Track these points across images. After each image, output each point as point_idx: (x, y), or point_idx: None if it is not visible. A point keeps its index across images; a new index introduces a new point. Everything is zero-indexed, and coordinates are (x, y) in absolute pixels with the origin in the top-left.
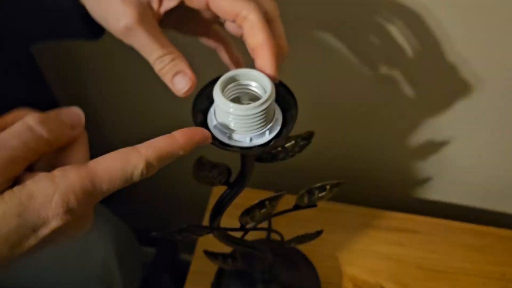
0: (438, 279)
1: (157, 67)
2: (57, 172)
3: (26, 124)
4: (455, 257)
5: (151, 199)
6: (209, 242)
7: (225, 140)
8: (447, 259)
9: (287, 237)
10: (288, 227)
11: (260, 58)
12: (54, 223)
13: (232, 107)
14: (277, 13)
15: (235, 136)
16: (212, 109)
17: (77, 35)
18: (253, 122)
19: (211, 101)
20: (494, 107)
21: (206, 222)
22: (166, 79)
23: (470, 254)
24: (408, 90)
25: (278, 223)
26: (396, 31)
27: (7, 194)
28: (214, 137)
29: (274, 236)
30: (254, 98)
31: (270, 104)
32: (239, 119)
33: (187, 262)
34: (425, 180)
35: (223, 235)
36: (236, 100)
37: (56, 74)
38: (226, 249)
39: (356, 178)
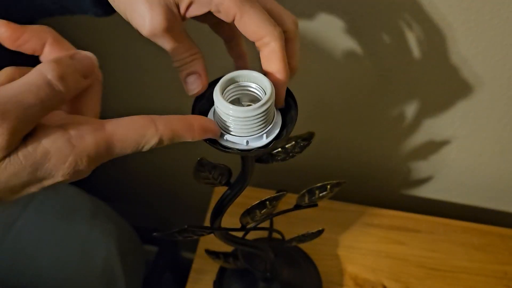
0: (439, 277)
1: (176, 63)
2: (73, 132)
3: (44, 78)
4: (456, 255)
5: (154, 198)
6: (210, 241)
7: (223, 142)
8: (448, 258)
9: (288, 236)
10: (289, 226)
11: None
12: (60, 179)
13: (232, 109)
14: (297, 33)
15: (235, 138)
16: (212, 111)
17: (88, 12)
18: (253, 123)
19: (211, 103)
20: (494, 107)
21: (208, 220)
22: (181, 76)
23: (471, 253)
24: (408, 90)
25: (279, 222)
26: (396, 32)
27: (22, 153)
28: (214, 140)
29: (276, 235)
30: (254, 99)
31: (270, 106)
32: (238, 121)
33: (189, 261)
34: (426, 179)
35: (224, 235)
36: (236, 101)
37: None
38: (228, 248)
39: (357, 177)
